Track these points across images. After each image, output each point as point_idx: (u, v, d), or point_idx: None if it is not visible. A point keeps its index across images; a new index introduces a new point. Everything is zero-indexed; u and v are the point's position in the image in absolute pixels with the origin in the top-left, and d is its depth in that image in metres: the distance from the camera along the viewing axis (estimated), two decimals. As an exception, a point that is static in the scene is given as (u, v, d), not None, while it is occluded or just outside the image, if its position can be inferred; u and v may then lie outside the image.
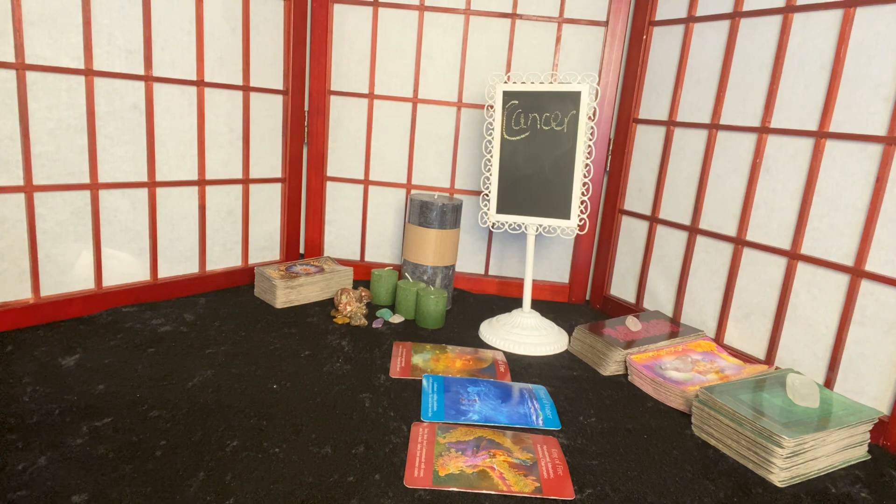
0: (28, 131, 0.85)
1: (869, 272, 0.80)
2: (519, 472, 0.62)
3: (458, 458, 0.64)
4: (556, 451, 0.67)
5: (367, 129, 1.24)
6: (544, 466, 0.64)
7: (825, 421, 0.70)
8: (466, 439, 0.68)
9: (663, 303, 1.11)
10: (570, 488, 0.61)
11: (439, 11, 1.18)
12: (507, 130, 1.01)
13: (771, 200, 0.92)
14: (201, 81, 1.05)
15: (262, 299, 1.09)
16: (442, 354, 0.91)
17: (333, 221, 1.29)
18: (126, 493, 0.54)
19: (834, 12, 0.84)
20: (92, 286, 0.97)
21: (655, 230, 1.12)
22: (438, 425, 0.70)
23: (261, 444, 0.63)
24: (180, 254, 1.08)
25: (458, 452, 0.65)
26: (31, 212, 0.88)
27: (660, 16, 1.11)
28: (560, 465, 0.65)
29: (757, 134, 0.94)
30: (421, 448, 0.65)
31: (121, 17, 0.93)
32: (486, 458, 0.64)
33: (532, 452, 0.66)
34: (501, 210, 1.03)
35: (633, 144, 1.17)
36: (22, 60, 0.84)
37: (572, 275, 1.27)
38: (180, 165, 1.05)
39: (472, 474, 0.61)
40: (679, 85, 1.07)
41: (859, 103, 0.81)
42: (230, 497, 0.54)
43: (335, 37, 1.21)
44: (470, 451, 0.65)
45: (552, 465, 0.64)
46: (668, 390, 0.82)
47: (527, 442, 0.69)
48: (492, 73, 1.19)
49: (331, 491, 0.57)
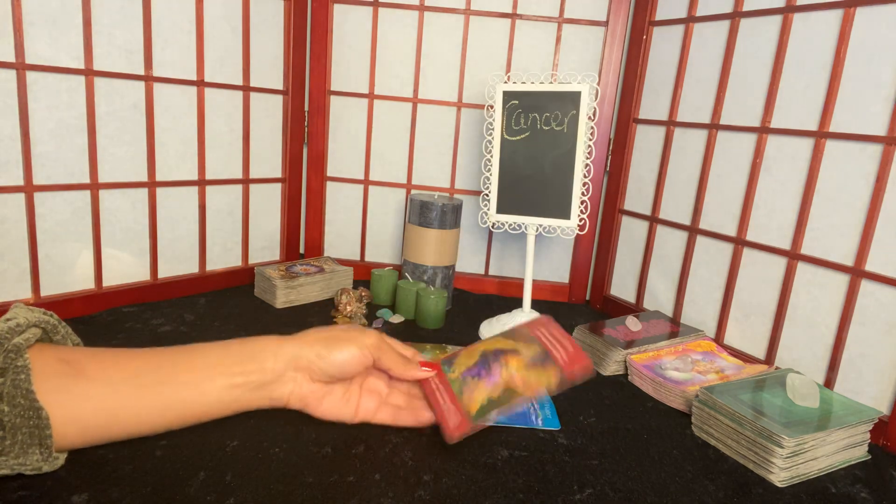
0: (28, 131, 0.86)
1: (869, 272, 0.80)
2: (537, 368, 0.61)
3: (478, 385, 0.62)
4: (555, 329, 0.67)
5: (367, 129, 1.25)
6: (554, 349, 0.63)
7: (825, 421, 0.70)
8: (474, 361, 0.66)
9: (663, 303, 1.11)
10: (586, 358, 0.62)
11: (439, 11, 1.19)
12: (507, 130, 1.01)
13: (771, 200, 0.92)
14: (201, 81, 1.05)
15: (263, 299, 1.10)
16: (442, 354, 0.91)
17: (333, 221, 1.29)
18: (126, 492, 0.54)
19: (834, 12, 0.84)
20: (92, 286, 0.97)
21: (655, 230, 1.12)
22: (441, 361, 0.69)
23: (261, 443, 0.63)
24: (180, 254, 1.08)
25: (475, 378, 0.63)
26: (32, 212, 0.88)
27: (660, 16, 1.11)
28: (566, 340, 0.64)
29: (757, 134, 0.94)
30: (440, 393, 0.64)
31: (121, 17, 0.93)
32: (502, 371, 0.63)
33: (537, 343, 0.65)
34: (501, 210, 1.03)
35: (633, 144, 1.17)
36: (22, 60, 0.84)
37: (572, 275, 1.27)
38: (180, 165, 1.05)
39: (500, 396, 0.60)
40: (679, 85, 1.07)
41: (859, 103, 0.81)
42: (230, 497, 0.55)
43: (335, 37, 1.21)
44: (483, 371, 0.64)
45: (560, 344, 0.64)
46: (668, 390, 0.82)
47: (527, 334, 0.67)
48: (492, 73, 1.19)
49: (331, 491, 0.57)
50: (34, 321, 0.55)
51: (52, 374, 0.52)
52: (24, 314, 0.55)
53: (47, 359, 0.53)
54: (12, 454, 0.49)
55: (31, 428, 0.49)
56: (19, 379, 0.49)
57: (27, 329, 0.53)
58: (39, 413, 0.49)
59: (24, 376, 0.49)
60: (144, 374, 0.56)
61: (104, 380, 0.54)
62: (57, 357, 0.53)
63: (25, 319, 0.54)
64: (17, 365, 0.50)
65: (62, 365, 0.53)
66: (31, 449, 0.50)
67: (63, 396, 0.52)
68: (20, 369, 0.50)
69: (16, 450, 0.49)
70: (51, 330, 0.57)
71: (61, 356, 0.54)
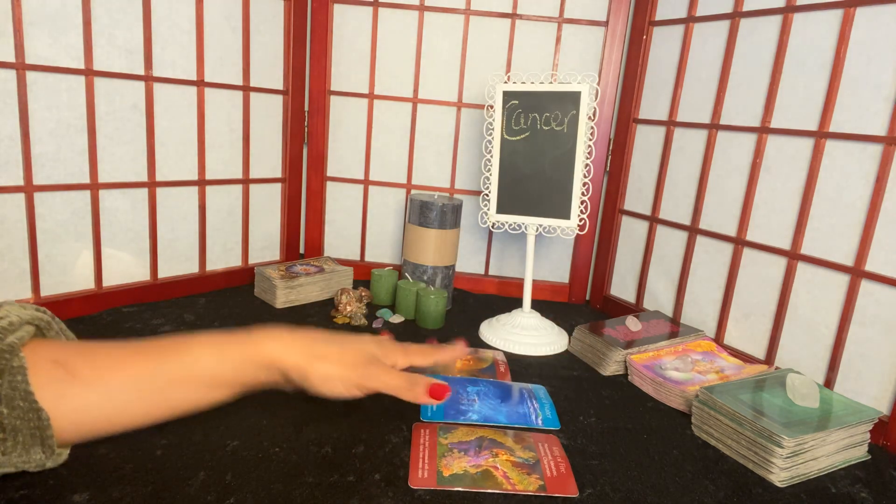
0: (28, 131, 0.86)
1: (869, 272, 0.80)
2: (522, 471, 0.62)
3: (461, 459, 0.64)
4: (557, 448, 0.67)
5: (367, 129, 1.25)
6: (547, 464, 0.64)
7: (825, 421, 0.70)
8: (468, 439, 0.68)
9: (663, 303, 1.11)
10: (573, 485, 0.61)
11: (439, 11, 1.18)
12: (507, 130, 1.01)
13: (771, 200, 0.92)
14: (201, 81, 1.05)
15: (263, 299, 1.10)
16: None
17: (333, 221, 1.29)
18: (127, 491, 0.54)
19: (834, 12, 0.84)
20: (92, 286, 0.97)
21: (655, 230, 1.12)
22: (440, 426, 0.70)
23: (261, 443, 0.63)
24: (180, 254, 1.08)
25: (461, 453, 0.65)
26: (32, 212, 0.88)
27: (660, 16, 1.11)
28: (562, 462, 0.65)
29: (757, 134, 0.94)
30: (424, 449, 0.65)
31: (121, 17, 0.93)
32: (488, 458, 0.64)
33: (534, 451, 0.66)
34: (501, 210, 1.03)
35: (633, 144, 1.17)
36: (22, 60, 0.84)
37: (572, 275, 1.27)
38: (180, 165, 1.05)
39: (476, 474, 0.61)
40: (679, 85, 1.07)
41: (859, 103, 0.81)
42: (230, 496, 0.55)
43: (335, 37, 1.21)
44: (472, 451, 0.65)
45: (554, 462, 0.64)
46: (668, 390, 0.82)
47: (528, 441, 0.69)
48: (492, 73, 1.19)
49: (331, 491, 0.57)
50: (27, 318, 0.53)
51: (47, 379, 0.50)
52: (16, 311, 0.53)
53: (41, 360, 0.50)
54: (15, 454, 0.48)
55: (31, 429, 0.48)
56: (16, 380, 0.48)
57: (20, 327, 0.51)
58: (39, 414, 0.48)
59: (21, 377, 0.48)
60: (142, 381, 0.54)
61: (100, 386, 0.52)
62: (50, 358, 0.51)
63: (18, 317, 0.52)
64: (14, 366, 0.48)
65: (56, 369, 0.51)
66: (33, 448, 0.49)
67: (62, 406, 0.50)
68: (16, 370, 0.48)
69: (18, 450, 0.48)
70: (44, 327, 0.55)
71: (54, 356, 0.52)
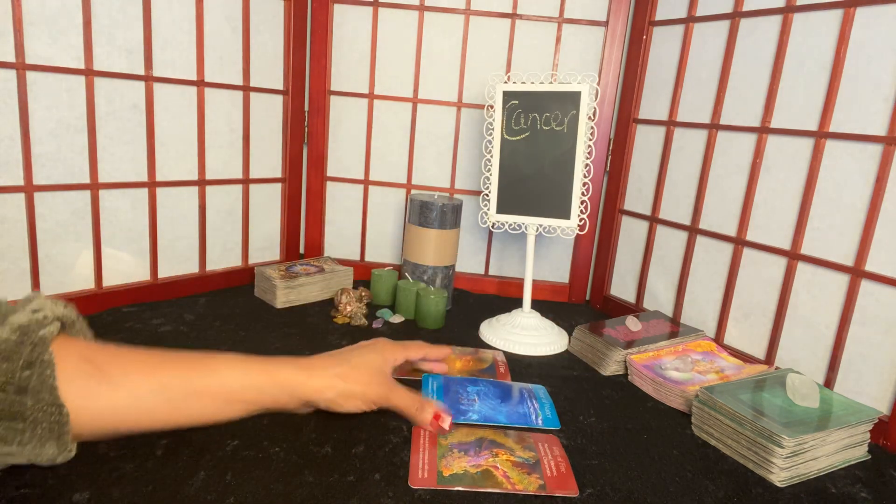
0: (28, 131, 0.86)
1: (869, 272, 0.80)
2: (522, 471, 0.62)
3: (462, 459, 0.64)
4: (557, 448, 0.67)
5: (367, 129, 1.25)
6: (547, 464, 0.64)
7: (825, 421, 0.70)
8: (468, 440, 0.68)
9: (663, 303, 1.11)
10: (573, 485, 0.61)
11: (439, 11, 1.19)
12: (507, 130, 1.01)
13: (771, 200, 0.92)
14: (201, 81, 1.05)
15: (263, 299, 1.10)
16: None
17: (333, 221, 1.29)
18: (127, 491, 0.54)
19: (834, 12, 0.84)
20: (92, 286, 0.97)
21: (655, 230, 1.12)
22: None
23: (261, 443, 0.63)
24: (180, 254, 1.08)
25: (461, 453, 0.65)
26: (32, 212, 0.88)
27: (660, 16, 1.11)
28: (563, 462, 0.65)
29: (757, 134, 0.94)
30: (423, 450, 0.65)
31: (121, 17, 0.93)
32: (488, 458, 0.64)
33: (534, 451, 0.66)
34: (501, 210, 1.03)
35: (633, 144, 1.17)
36: (22, 60, 0.84)
37: (572, 275, 1.27)
38: (180, 165, 1.05)
39: (476, 474, 0.61)
40: (679, 85, 1.07)
41: (859, 103, 0.81)
42: (230, 496, 0.55)
43: (335, 37, 1.21)
44: (472, 451, 0.65)
45: (554, 462, 0.64)
46: (668, 390, 0.82)
47: (528, 441, 0.69)
48: (492, 73, 1.19)
49: (331, 491, 0.57)
50: (59, 314, 0.54)
51: (76, 374, 0.51)
52: (50, 307, 0.54)
53: (70, 356, 0.52)
54: (30, 445, 0.49)
55: (51, 423, 0.49)
56: (45, 374, 0.49)
57: (52, 322, 0.53)
58: (61, 410, 0.49)
59: (50, 371, 0.49)
60: (170, 389, 0.56)
61: (129, 389, 0.54)
62: (80, 355, 0.53)
63: (52, 312, 0.53)
64: (44, 359, 0.49)
65: (86, 364, 0.52)
66: (48, 443, 0.50)
67: (87, 402, 0.51)
68: (46, 364, 0.49)
69: (34, 442, 0.49)
70: (69, 324, 0.57)
71: (83, 354, 0.53)
